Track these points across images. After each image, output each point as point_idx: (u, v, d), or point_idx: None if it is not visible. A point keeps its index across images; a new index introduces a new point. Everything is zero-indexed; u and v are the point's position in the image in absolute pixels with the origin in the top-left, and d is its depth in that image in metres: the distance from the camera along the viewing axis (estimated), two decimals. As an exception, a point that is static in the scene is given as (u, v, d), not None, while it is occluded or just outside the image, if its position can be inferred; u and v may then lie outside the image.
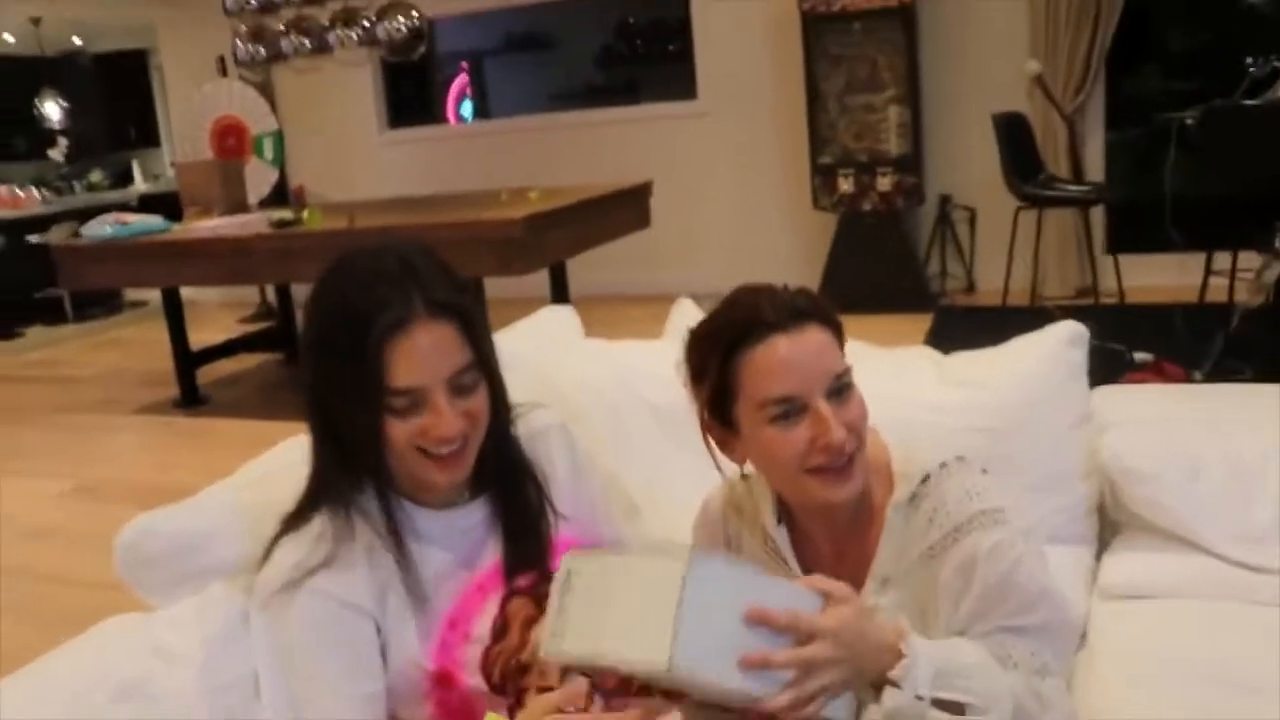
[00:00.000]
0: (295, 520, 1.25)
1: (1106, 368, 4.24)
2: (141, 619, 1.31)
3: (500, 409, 1.28)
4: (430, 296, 1.17)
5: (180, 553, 1.33)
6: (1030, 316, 3.89)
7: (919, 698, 1.03)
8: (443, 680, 1.24)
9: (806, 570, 1.24)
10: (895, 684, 1.04)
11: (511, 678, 1.19)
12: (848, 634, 1.02)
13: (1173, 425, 1.91)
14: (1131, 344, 4.76)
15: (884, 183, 6.07)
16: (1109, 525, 1.98)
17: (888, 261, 6.17)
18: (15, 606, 3.45)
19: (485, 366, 1.22)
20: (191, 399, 5.83)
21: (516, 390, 1.38)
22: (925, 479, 1.20)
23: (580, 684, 1.04)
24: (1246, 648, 1.58)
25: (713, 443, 1.24)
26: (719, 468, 1.27)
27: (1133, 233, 5.88)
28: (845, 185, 6.17)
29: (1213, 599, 1.73)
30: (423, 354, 1.15)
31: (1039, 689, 1.11)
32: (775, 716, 1.03)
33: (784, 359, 1.13)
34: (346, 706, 1.18)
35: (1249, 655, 1.56)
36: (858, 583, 1.21)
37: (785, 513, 1.27)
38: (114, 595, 1.44)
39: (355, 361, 1.14)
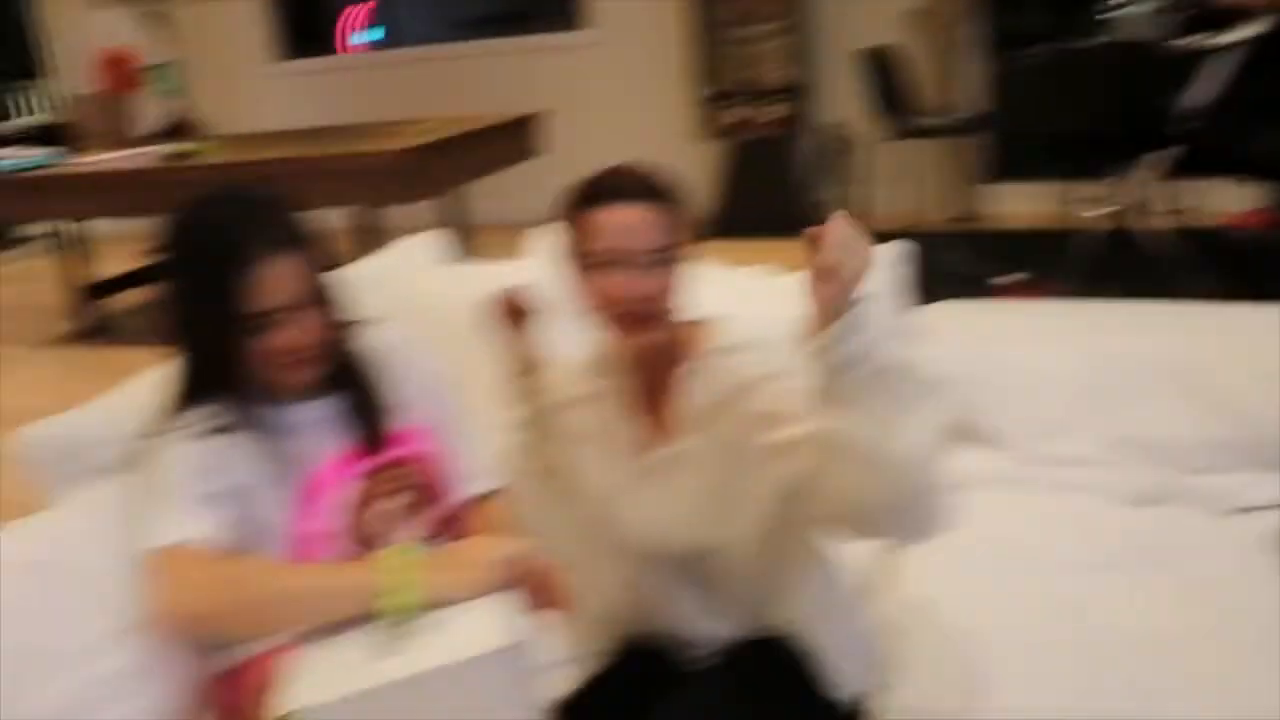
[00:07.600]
0: (166, 422, 1.45)
1: (968, 290, 4.52)
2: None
3: (339, 323, 1.51)
4: (273, 235, 1.40)
5: (68, 453, 1.50)
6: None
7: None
8: (301, 545, 1.46)
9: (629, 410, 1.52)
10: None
11: (363, 544, 1.48)
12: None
13: (990, 338, 2.14)
14: (1001, 268, 5.05)
15: (769, 113, 6.27)
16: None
17: (775, 190, 6.38)
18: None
19: (322, 291, 1.45)
20: (90, 331, 5.87)
21: (371, 308, 1.60)
22: (728, 349, 1.47)
23: None
24: (1028, 530, 1.84)
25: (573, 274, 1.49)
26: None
27: (1006, 161, 6.14)
28: (731, 115, 6.36)
29: (1005, 489, 1.99)
30: (270, 283, 1.37)
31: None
32: None
33: (607, 223, 1.39)
34: (195, 524, 1.35)
35: (1032, 535, 1.82)
36: (667, 420, 1.49)
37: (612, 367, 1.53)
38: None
39: (216, 294, 1.37)
